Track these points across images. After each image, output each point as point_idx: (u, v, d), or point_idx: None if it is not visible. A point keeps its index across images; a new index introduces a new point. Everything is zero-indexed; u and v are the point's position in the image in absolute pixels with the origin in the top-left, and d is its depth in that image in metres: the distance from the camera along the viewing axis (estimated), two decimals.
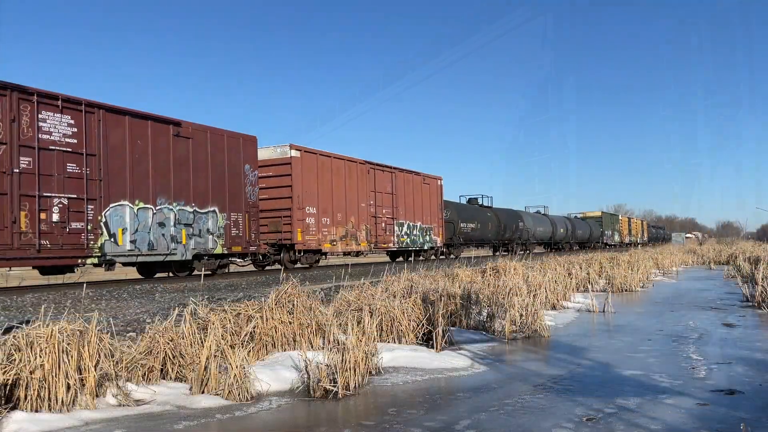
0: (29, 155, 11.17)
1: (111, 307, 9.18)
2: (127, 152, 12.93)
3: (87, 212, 12.05)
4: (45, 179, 11.39)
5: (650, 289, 17.53)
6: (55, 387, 4.96)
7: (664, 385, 5.93)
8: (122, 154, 12.83)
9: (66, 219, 11.68)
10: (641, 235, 68.78)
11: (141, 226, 13.16)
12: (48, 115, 11.49)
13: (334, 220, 19.36)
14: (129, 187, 12.93)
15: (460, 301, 9.66)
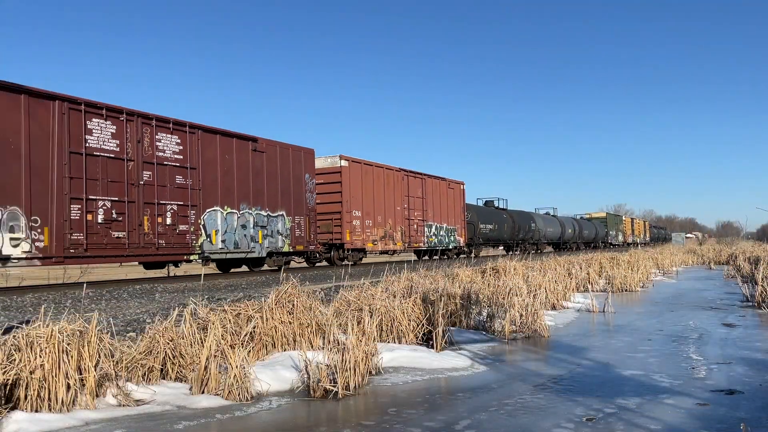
0: (150, 170, 13.66)
1: (111, 307, 9.17)
2: (218, 165, 15.44)
3: (190, 217, 14.55)
4: (161, 189, 13.86)
5: (650, 289, 17.53)
6: (55, 387, 4.96)
7: (664, 385, 5.93)
8: (214, 167, 15.34)
9: (176, 222, 14.17)
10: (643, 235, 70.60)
11: (229, 228, 15.62)
12: (162, 136, 13.98)
13: (375, 222, 21.78)
14: (220, 195, 15.41)
15: (460, 301, 9.65)
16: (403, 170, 23.88)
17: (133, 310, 8.67)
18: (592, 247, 49.50)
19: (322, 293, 9.53)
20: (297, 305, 7.40)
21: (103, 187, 12.68)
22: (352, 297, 8.53)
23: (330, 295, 9.86)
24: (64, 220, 11.93)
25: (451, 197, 27.59)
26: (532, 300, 9.60)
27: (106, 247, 12.66)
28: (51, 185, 11.77)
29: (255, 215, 16.47)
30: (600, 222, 54.16)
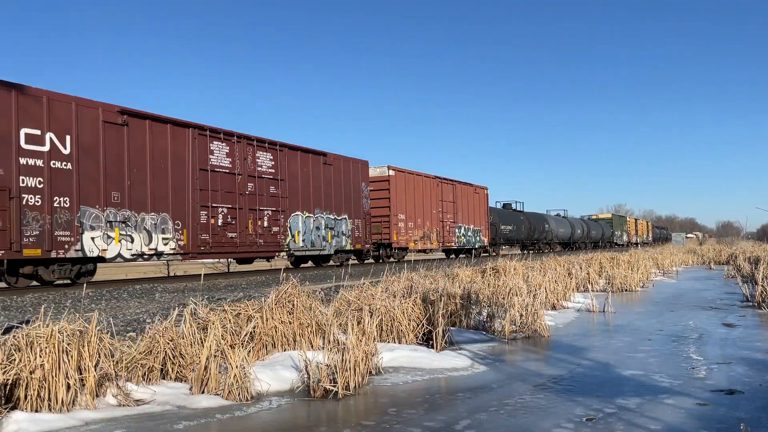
0: (252, 182, 16.56)
1: (111, 307, 9.17)
2: (299, 177, 18.42)
3: (280, 220, 17.41)
4: (260, 198, 16.77)
5: (650, 289, 17.53)
6: (55, 387, 4.95)
7: (664, 385, 5.93)
8: (296, 178, 18.29)
9: (270, 225, 17.02)
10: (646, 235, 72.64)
11: (307, 229, 18.60)
12: (260, 154, 16.93)
13: (415, 224, 24.67)
14: (300, 202, 18.36)
15: (460, 301, 9.65)
16: (438, 177, 26.71)
17: (133, 310, 8.67)
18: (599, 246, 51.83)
19: (322, 293, 9.53)
20: (297, 305, 7.40)
21: (221, 196, 15.60)
22: (352, 297, 8.53)
23: (330, 295, 9.86)
24: (196, 223, 14.85)
25: (476, 201, 30.55)
26: (532, 300, 9.59)
27: (224, 246, 15.54)
28: (187, 196, 14.68)
29: (325, 219, 19.51)
30: (606, 222, 56.63)
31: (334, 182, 20.00)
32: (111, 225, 12.98)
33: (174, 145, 14.39)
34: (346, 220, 20.47)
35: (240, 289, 11.68)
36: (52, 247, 11.84)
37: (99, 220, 12.74)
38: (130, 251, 13.23)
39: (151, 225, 13.71)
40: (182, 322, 6.27)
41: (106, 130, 12.93)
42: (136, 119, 13.63)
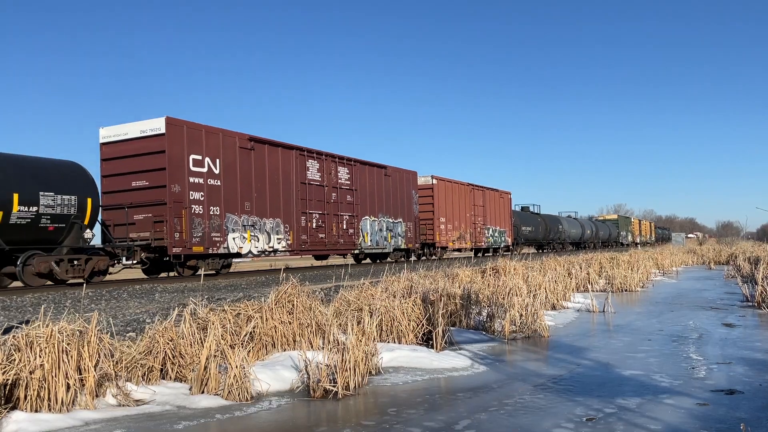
0: (334, 192, 20.29)
1: (111, 307, 9.17)
2: (367, 187, 22.30)
3: (354, 224, 21.30)
4: (340, 205, 20.54)
5: (650, 289, 17.53)
6: (55, 387, 4.96)
7: (664, 385, 5.92)
8: (365, 188, 22.21)
9: (347, 227, 20.89)
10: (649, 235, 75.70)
11: (373, 231, 22.45)
12: (340, 169, 20.75)
13: (453, 226, 28.34)
14: (368, 208, 22.28)
15: (460, 301, 9.65)
16: (471, 184, 30.46)
17: (133, 310, 8.67)
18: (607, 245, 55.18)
19: (322, 293, 9.53)
20: (297, 305, 7.40)
21: (314, 205, 19.28)
22: (352, 297, 8.53)
23: (330, 295, 9.86)
24: (299, 226, 18.54)
25: (501, 205, 34.13)
26: (532, 300, 9.60)
27: (316, 244, 19.40)
28: (292, 204, 18.30)
29: (386, 222, 23.37)
30: (612, 223, 59.93)
31: (392, 191, 24.06)
32: (245, 228, 16.53)
33: (283, 163, 18.15)
34: (401, 223, 24.55)
35: (240, 289, 11.68)
36: (209, 246, 15.40)
37: (237, 224, 16.29)
38: (257, 248, 16.95)
39: (269, 228, 17.44)
40: (182, 322, 6.27)
41: (240, 154, 16.50)
42: (259, 144, 17.27)
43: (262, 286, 12.38)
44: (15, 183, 11.52)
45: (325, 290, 10.48)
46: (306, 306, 7.49)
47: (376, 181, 22.92)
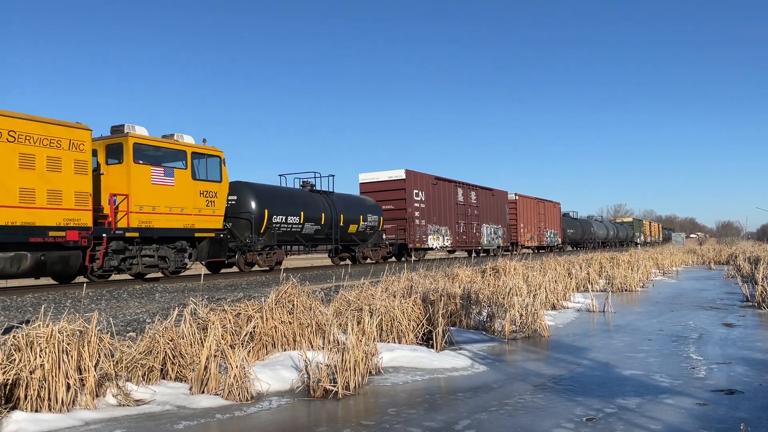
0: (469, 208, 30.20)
1: (111, 307, 9.18)
2: (483, 204, 32.16)
3: (477, 229, 30.96)
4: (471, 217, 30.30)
5: (650, 289, 17.53)
6: (55, 387, 4.95)
7: (664, 385, 5.93)
8: (482, 205, 32.12)
9: (476, 232, 30.27)
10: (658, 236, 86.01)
11: (487, 234, 32.42)
12: (470, 193, 30.53)
13: (527, 230, 38.54)
14: (484, 218, 32.12)
15: (460, 301, 9.65)
16: (538, 198, 40.61)
17: (133, 310, 8.67)
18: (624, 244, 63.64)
19: (322, 293, 9.54)
20: (297, 305, 7.40)
21: (461, 217, 29.59)
22: (352, 297, 8.53)
23: (330, 295, 9.86)
24: (454, 232, 28.65)
25: (554, 212, 43.91)
26: (532, 300, 9.59)
27: (462, 243, 29.67)
28: (451, 218, 28.61)
29: (493, 227, 33.51)
30: (629, 225, 70.77)
31: (495, 206, 34.04)
32: (434, 232, 26.73)
33: (447, 191, 28.61)
34: (500, 227, 34.46)
35: (240, 289, 11.68)
36: (421, 243, 25.67)
37: (431, 230, 26.50)
38: (438, 245, 27.25)
39: (443, 232, 27.63)
40: (182, 322, 6.27)
41: (430, 187, 26.91)
42: (439, 180, 27.76)
43: (262, 286, 12.38)
44: (358, 213, 22.29)
45: (325, 290, 10.48)
46: (306, 306, 7.49)
47: (488, 199, 33.05)
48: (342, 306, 8.31)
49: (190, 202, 14.97)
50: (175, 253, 14.89)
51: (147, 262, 14.25)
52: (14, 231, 11.41)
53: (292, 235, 19.06)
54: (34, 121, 11.92)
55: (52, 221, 12.04)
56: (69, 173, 12.36)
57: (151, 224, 14.06)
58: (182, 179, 14.87)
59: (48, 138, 12.06)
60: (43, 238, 11.83)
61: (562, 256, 22.00)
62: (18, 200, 11.53)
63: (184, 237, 15.02)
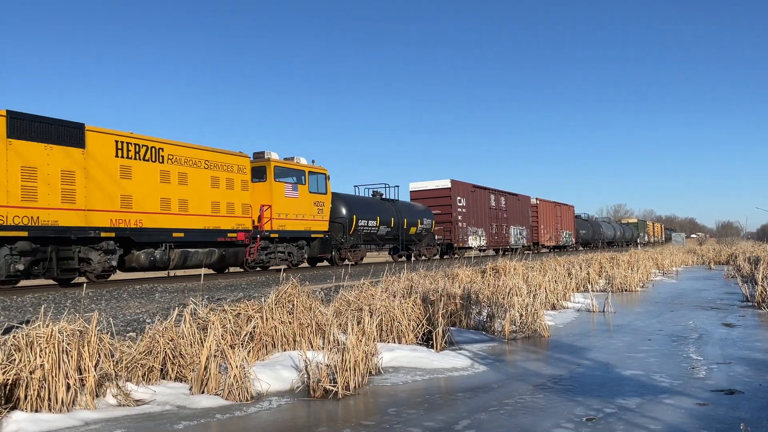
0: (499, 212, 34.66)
1: (111, 307, 9.18)
2: (510, 208, 36.20)
3: (506, 230, 35.42)
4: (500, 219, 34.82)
5: (650, 289, 17.52)
6: (55, 387, 4.95)
7: (664, 385, 5.93)
8: (509, 208, 36.15)
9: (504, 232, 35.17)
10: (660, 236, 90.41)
11: (514, 234, 36.24)
12: (500, 198, 35.11)
13: (546, 231, 42.57)
14: (511, 220, 36.13)
15: (460, 301, 9.65)
16: (555, 202, 45.16)
17: (133, 310, 8.67)
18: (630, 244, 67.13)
19: (322, 293, 9.53)
20: (297, 305, 7.40)
21: (493, 220, 33.51)
22: (352, 297, 8.53)
23: (330, 295, 9.86)
24: (489, 233, 32.69)
25: (569, 214, 48.35)
26: (532, 300, 9.59)
27: (495, 242, 33.55)
28: (485, 220, 32.54)
29: (518, 228, 37.46)
30: (634, 226, 74.30)
31: (520, 209, 38.08)
32: (472, 233, 30.71)
33: (483, 197, 32.80)
34: (524, 228, 38.51)
35: (240, 289, 11.68)
36: (463, 243, 29.68)
37: (470, 231, 30.46)
38: (476, 244, 31.13)
39: (479, 233, 31.55)
40: (182, 322, 6.27)
41: (470, 194, 31.08)
42: (476, 188, 31.95)
43: (262, 286, 12.38)
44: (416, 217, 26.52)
45: (325, 290, 10.48)
46: (306, 306, 7.49)
47: (514, 204, 37.21)
48: (342, 306, 8.31)
49: (307, 210, 19.78)
50: (296, 249, 19.58)
51: (280, 257, 18.86)
52: (209, 233, 15.96)
53: (370, 236, 23.83)
54: (218, 152, 16.49)
55: (229, 226, 16.57)
56: (238, 190, 17.04)
57: (285, 227, 18.75)
58: (303, 192, 19.67)
59: (226, 164, 16.68)
60: (224, 238, 16.32)
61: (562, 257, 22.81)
62: (210, 211, 16.07)
63: (304, 237, 19.80)
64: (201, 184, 15.85)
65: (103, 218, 13.42)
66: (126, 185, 13.98)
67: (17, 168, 11.91)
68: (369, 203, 24.04)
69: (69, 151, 12.85)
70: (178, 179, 15.25)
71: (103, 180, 13.50)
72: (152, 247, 14.56)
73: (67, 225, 12.66)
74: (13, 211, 11.78)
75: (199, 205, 15.73)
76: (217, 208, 16.21)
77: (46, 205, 12.32)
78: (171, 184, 15.06)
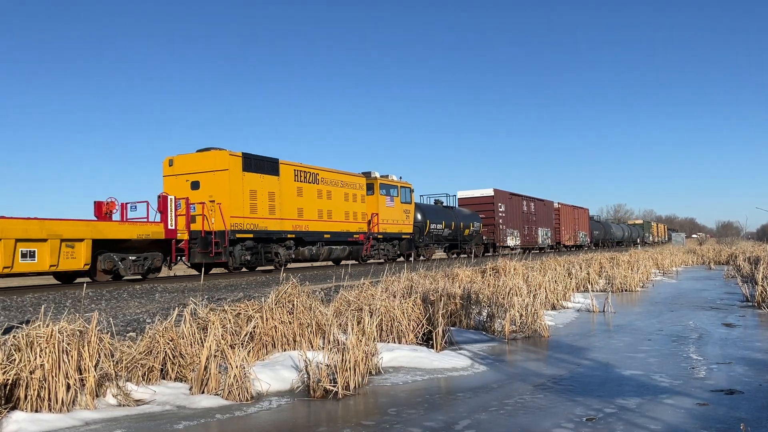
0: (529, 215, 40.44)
1: (111, 307, 9.18)
2: (538, 211, 42.03)
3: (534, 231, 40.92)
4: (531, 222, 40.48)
5: (650, 289, 17.53)
6: (55, 387, 4.96)
7: (664, 385, 5.93)
8: (537, 212, 41.95)
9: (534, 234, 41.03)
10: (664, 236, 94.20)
11: (541, 235, 42.04)
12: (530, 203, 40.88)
13: (566, 231, 47.24)
14: (540, 221, 42.35)
15: (460, 301, 9.65)
16: (573, 205, 50.43)
17: (133, 310, 8.68)
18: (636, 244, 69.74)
19: (322, 293, 9.54)
20: (297, 305, 7.40)
21: (525, 223, 39.20)
22: (352, 297, 8.53)
23: (330, 295, 9.86)
24: (522, 233, 38.34)
25: (585, 216, 53.45)
26: (532, 300, 9.59)
27: (527, 242, 39.00)
28: (519, 223, 38.23)
29: (544, 230, 42.31)
30: (640, 227, 79.19)
31: (545, 212, 43.08)
32: (510, 234, 36.01)
33: (517, 204, 37.71)
34: (549, 230, 43.45)
35: (240, 289, 11.68)
36: (503, 242, 35.33)
37: (508, 232, 35.76)
38: (512, 244, 35.84)
39: (515, 234, 36.42)
40: (182, 322, 6.27)
41: (508, 201, 36.32)
42: (512, 195, 37.27)
43: (262, 286, 12.38)
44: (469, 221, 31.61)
45: (325, 290, 10.48)
46: (306, 306, 7.49)
47: (541, 208, 42.19)
48: (342, 306, 8.32)
49: (400, 217, 25.73)
50: (392, 247, 25.25)
51: (382, 252, 24.62)
52: (344, 235, 22.06)
53: (438, 238, 29.05)
54: (347, 174, 22.80)
55: (354, 229, 22.81)
56: (359, 202, 23.32)
57: (386, 230, 24.66)
58: (396, 202, 25.65)
59: (352, 183, 23.00)
60: (352, 238, 22.52)
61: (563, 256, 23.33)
62: (344, 218, 22.24)
63: (397, 238, 25.67)
64: (339, 199, 22.01)
65: (289, 224, 19.29)
66: (299, 201, 19.84)
67: (247, 191, 17.74)
68: (437, 210, 29.67)
69: (271, 178, 18.69)
70: (326, 195, 21.31)
71: (288, 198, 19.33)
72: (311, 245, 20.35)
73: (272, 229, 18.48)
74: (246, 221, 17.46)
75: (338, 215, 21.86)
76: (347, 217, 22.39)
77: (261, 216, 18.08)
78: (323, 199, 21.04)
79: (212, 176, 17.29)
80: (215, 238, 16.72)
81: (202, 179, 17.45)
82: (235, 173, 17.31)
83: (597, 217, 61.84)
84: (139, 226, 14.98)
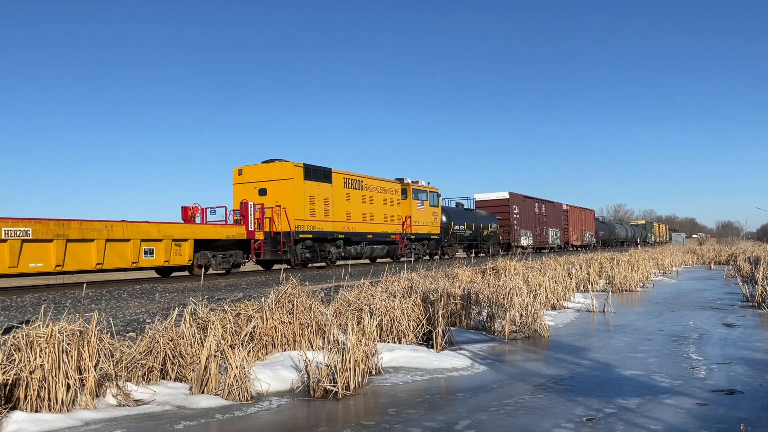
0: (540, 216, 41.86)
1: (111, 307, 9.18)
2: (547, 213, 43.11)
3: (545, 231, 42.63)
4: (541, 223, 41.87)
5: (650, 289, 17.53)
6: (55, 387, 4.96)
7: (664, 385, 5.93)
8: (547, 213, 43.34)
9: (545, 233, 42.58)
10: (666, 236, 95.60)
11: (551, 235, 43.71)
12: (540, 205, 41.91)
13: (574, 231, 48.85)
14: (551, 222, 43.78)
15: (460, 302, 9.65)
16: (581, 207, 52.28)
17: (133, 310, 8.68)
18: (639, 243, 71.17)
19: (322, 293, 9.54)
20: (297, 305, 7.40)
21: (536, 223, 40.70)
22: (352, 297, 8.53)
23: (330, 295, 9.86)
24: (535, 233, 40.14)
25: (591, 217, 55.08)
26: (532, 300, 9.59)
27: (539, 242, 40.79)
28: (531, 223, 39.67)
29: (554, 230, 43.88)
30: (642, 227, 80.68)
31: (555, 213, 44.49)
32: (523, 234, 37.77)
33: (530, 206, 39.40)
34: (558, 230, 45.10)
35: (240, 289, 11.68)
36: (518, 242, 36.88)
37: (522, 233, 37.42)
38: (525, 244, 37.69)
39: (528, 234, 38.33)
40: (182, 322, 6.27)
41: (521, 203, 38.10)
42: (526, 198, 38.93)
43: (262, 286, 12.38)
44: (487, 222, 33.67)
45: (325, 290, 10.48)
46: (306, 306, 7.49)
47: (551, 210, 43.58)
48: (342, 306, 8.32)
49: (429, 219, 27.84)
50: (421, 246, 27.23)
51: (414, 251, 26.50)
52: (383, 235, 24.30)
53: (460, 238, 31.21)
54: (385, 181, 24.98)
55: (391, 230, 24.91)
56: (395, 206, 25.50)
57: (418, 231, 26.78)
58: (426, 206, 27.74)
59: (389, 189, 25.19)
60: (390, 239, 24.72)
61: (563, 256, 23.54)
62: (383, 221, 24.45)
63: (427, 239, 27.61)
64: (379, 203, 24.30)
65: (339, 226, 21.58)
66: (347, 205, 22.15)
67: (307, 197, 19.94)
68: (459, 213, 31.87)
69: (326, 185, 20.98)
70: (369, 200, 23.56)
71: (339, 202, 21.59)
72: (356, 244, 22.73)
73: (326, 230, 20.82)
74: (306, 223, 19.78)
75: (378, 217, 24.15)
76: (386, 219, 24.70)
77: (318, 219, 20.34)
78: (366, 204, 23.29)
79: (278, 184, 19.56)
80: (282, 238, 18.89)
81: (269, 186, 19.69)
82: (298, 181, 19.56)
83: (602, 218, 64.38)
84: (228, 228, 17.19)
